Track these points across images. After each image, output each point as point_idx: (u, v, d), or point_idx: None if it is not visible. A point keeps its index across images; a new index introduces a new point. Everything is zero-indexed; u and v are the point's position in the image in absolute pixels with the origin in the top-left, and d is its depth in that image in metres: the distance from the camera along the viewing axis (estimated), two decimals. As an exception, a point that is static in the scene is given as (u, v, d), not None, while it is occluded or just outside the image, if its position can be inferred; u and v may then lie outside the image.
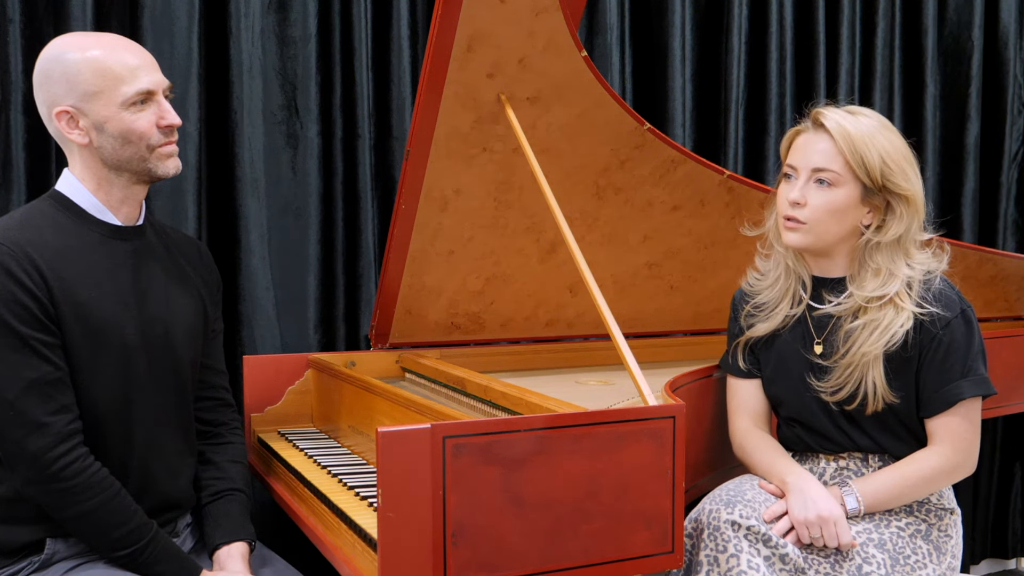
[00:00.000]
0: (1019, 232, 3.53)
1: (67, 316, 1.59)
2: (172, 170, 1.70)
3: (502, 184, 2.19)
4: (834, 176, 1.73)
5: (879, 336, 1.74)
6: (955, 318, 1.74)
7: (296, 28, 2.61)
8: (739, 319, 1.93)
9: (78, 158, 1.67)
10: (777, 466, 1.78)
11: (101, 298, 1.63)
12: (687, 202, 2.41)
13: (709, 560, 1.66)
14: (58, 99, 1.62)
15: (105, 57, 1.61)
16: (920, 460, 1.76)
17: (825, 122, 1.75)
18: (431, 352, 2.41)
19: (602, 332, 1.96)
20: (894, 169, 1.73)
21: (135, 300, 1.68)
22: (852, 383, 1.76)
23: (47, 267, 1.58)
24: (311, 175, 2.64)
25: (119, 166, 1.66)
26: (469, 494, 1.40)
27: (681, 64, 3.02)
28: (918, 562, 1.73)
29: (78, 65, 1.60)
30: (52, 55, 1.64)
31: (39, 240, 1.60)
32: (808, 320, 1.84)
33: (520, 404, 1.78)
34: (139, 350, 1.67)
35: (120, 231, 1.70)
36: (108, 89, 1.61)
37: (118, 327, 1.64)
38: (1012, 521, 3.60)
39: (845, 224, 1.77)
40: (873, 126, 1.75)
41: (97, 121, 1.62)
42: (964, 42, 3.41)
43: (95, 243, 1.66)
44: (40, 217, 1.65)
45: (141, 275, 1.71)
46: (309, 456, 2.04)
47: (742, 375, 1.93)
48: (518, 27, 1.94)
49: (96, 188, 1.68)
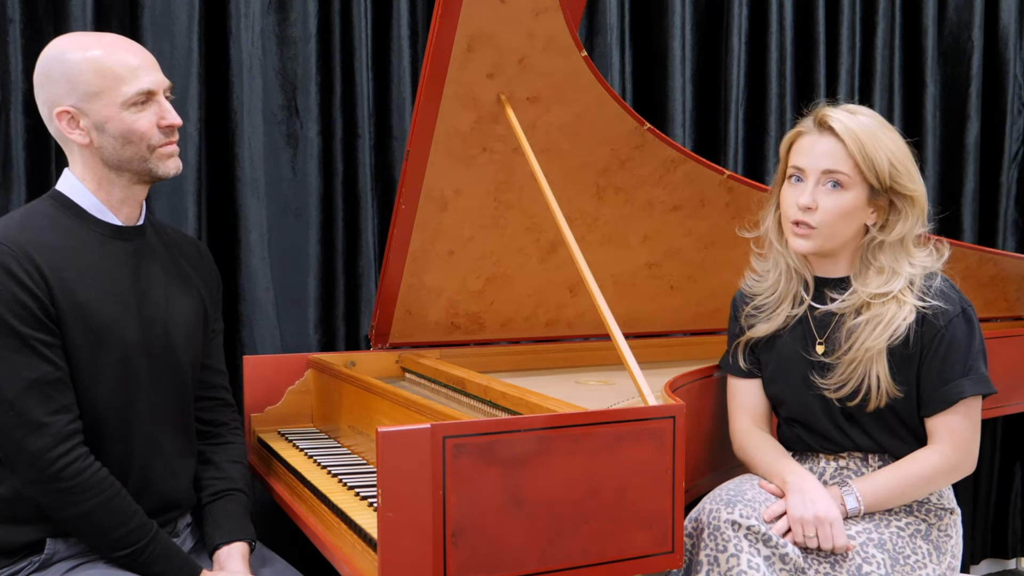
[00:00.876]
0: (1019, 232, 3.53)
1: (67, 316, 1.59)
2: (173, 170, 1.70)
3: (502, 184, 2.19)
4: (845, 178, 1.73)
5: (882, 331, 1.74)
6: (956, 316, 1.75)
7: (296, 28, 2.61)
8: (739, 319, 1.93)
9: (79, 158, 1.67)
10: (777, 465, 1.78)
11: (101, 298, 1.63)
12: (687, 202, 2.41)
13: (709, 560, 1.66)
14: (59, 99, 1.62)
15: (106, 57, 1.61)
16: (920, 459, 1.76)
17: (832, 124, 1.74)
18: (431, 352, 2.41)
19: (602, 332, 1.96)
20: (901, 171, 1.74)
21: (135, 300, 1.68)
22: (855, 379, 1.76)
23: (48, 267, 1.58)
24: (311, 175, 2.64)
25: (120, 166, 1.66)
26: (469, 494, 1.40)
27: (681, 64, 3.02)
28: (918, 562, 1.73)
29: (79, 65, 1.60)
30: (53, 55, 1.63)
31: (39, 240, 1.60)
32: (810, 320, 1.84)
33: (520, 404, 1.78)
34: (139, 350, 1.67)
35: (121, 231, 1.70)
36: (109, 89, 1.61)
37: (118, 327, 1.64)
38: (1012, 521, 3.59)
39: (853, 226, 1.77)
40: (876, 126, 1.75)
41: (98, 121, 1.62)
42: (964, 42, 3.41)
43: (95, 243, 1.66)
44: (41, 217, 1.65)
45: (141, 275, 1.71)
46: (309, 456, 2.04)
47: (742, 375, 1.93)
48: (518, 27, 1.94)
49: (97, 188, 1.68)
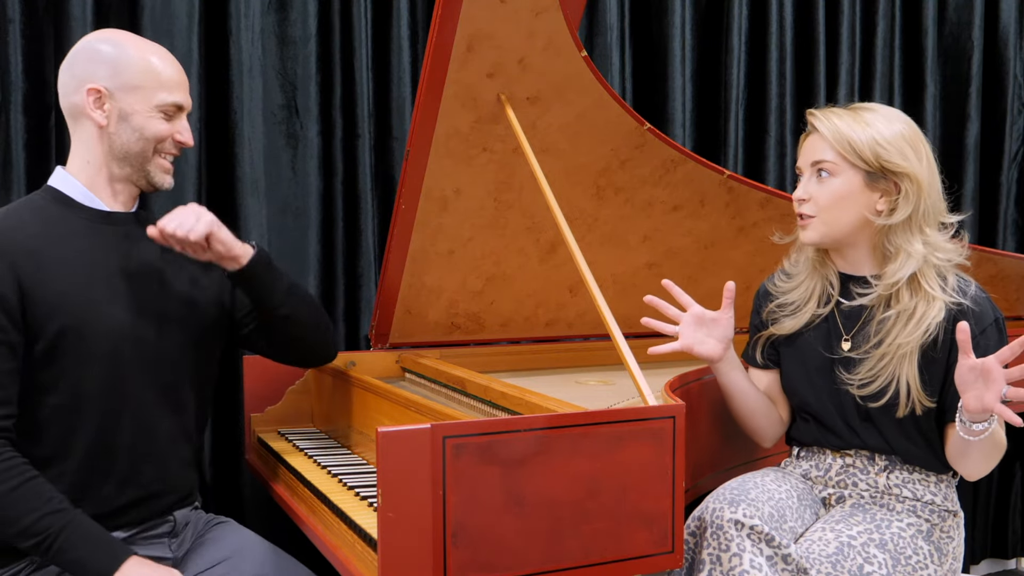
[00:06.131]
0: (1019, 232, 3.54)
1: (43, 307, 1.60)
2: (167, 183, 1.77)
3: (502, 184, 2.19)
4: (830, 165, 1.78)
5: (914, 328, 1.73)
6: (990, 325, 1.75)
7: (296, 28, 2.61)
8: (760, 313, 1.96)
9: (86, 138, 1.71)
10: None
11: (86, 283, 1.65)
12: (687, 202, 2.41)
13: (712, 559, 1.66)
14: (95, 77, 1.68)
15: (156, 62, 1.72)
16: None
17: (813, 121, 1.81)
18: (431, 352, 2.40)
19: (602, 332, 1.96)
20: (888, 148, 1.75)
21: (124, 284, 1.70)
22: (884, 377, 1.75)
23: (23, 259, 1.60)
24: (311, 175, 2.64)
25: (123, 157, 1.71)
26: (469, 494, 1.40)
27: (681, 64, 3.02)
28: (919, 563, 1.73)
29: (131, 58, 1.70)
30: (108, 39, 1.72)
31: (20, 229, 1.63)
32: (836, 317, 1.85)
33: (520, 404, 1.78)
34: (127, 334, 1.68)
35: (110, 216, 1.73)
36: (149, 89, 1.70)
37: (104, 312, 1.66)
38: (1012, 521, 3.59)
39: (852, 211, 1.78)
40: (872, 116, 1.78)
41: (125, 111, 1.69)
42: (964, 42, 3.41)
43: (82, 229, 1.69)
44: (26, 207, 1.70)
45: (132, 259, 1.73)
46: (309, 456, 2.04)
47: (756, 366, 1.97)
48: (518, 27, 1.94)
49: (94, 173, 1.72)
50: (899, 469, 1.81)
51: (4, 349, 1.58)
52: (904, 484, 1.80)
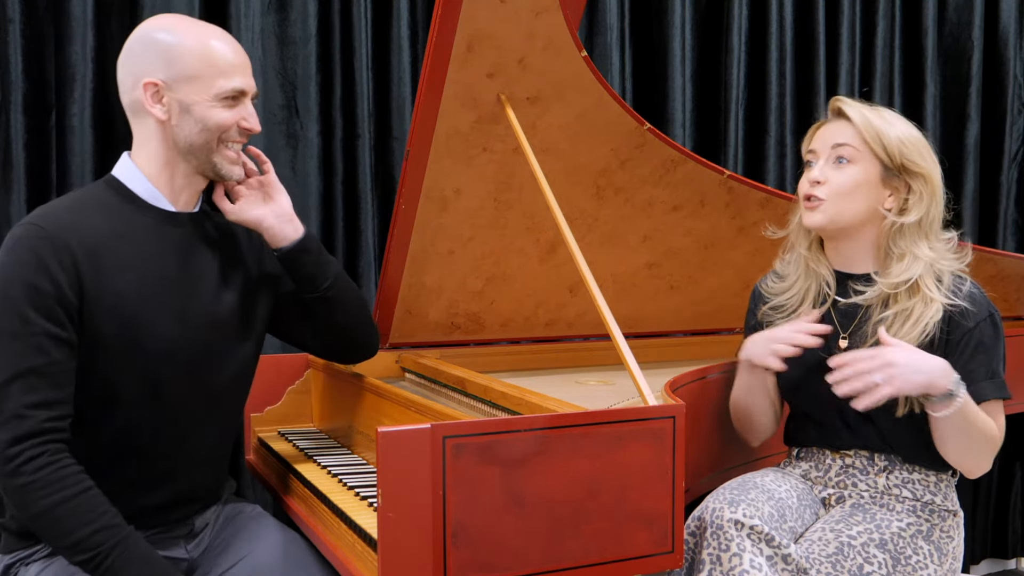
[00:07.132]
0: (1019, 232, 3.54)
1: (100, 306, 1.56)
2: (235, 173, 1.71)
3: (502, 184, 2.19)
4: (852, 152, 1.78)
5: (911, 328, 1.74)
6: (984, 319, 1.76)
7: (296, 28, 2.61)
8: (756, 313, 1.96)
9: (148, 134, 1.66)
10: None
11: (142, 285, 1.61)
12: (687, 202, 2.41)
13: (712, 559, 1.66)
14: (151, 71, 1.62)
15: (212, 47, 1.64)
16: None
17: (845, 108, 1.81)
18: (431, 352, 2.40)
19: (602, 332, 1.96)
20: (911, 148, 1.78)
21: (180, 288, 1.66)
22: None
23: (86, 256, 1.56)
24: (311, 175, 2.64)
25: (188, 150, 1.65)
26: (469, 494, 1.40)
27: (681, 64, 3.02)
28: (919, 563, 1.73)
29: (184, 47, 1.62)
30: (160, 26, 1.66)
31: (85, 224, 1.58)
32: (833, 316, 1.85)
33: (520, 404, 1.78)
34: (177, 340, 1.64)
35: (173, 217, 1.68)
36: (207, 77, 1.62)
37: (157, 316, 1.62)
38: (1012, 521, 3.60)
39: (863, 202, 1.78)
40: (892, 115, 1.82)
41: (184, 102, 1.62)
42: (964, 42, 3.41)
43: (145, 229, 1.64)
44: (92, 200, 1.64)
45: (192, 262, 1.69)
46: (309, 456, 2.04)
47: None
48: (518, 27, 1.94)
49: (160, 169, 1.66)
50: (899, 469, 1.81)
51: (65, 348, 1.54)
52: (904, 484, 1.80)
